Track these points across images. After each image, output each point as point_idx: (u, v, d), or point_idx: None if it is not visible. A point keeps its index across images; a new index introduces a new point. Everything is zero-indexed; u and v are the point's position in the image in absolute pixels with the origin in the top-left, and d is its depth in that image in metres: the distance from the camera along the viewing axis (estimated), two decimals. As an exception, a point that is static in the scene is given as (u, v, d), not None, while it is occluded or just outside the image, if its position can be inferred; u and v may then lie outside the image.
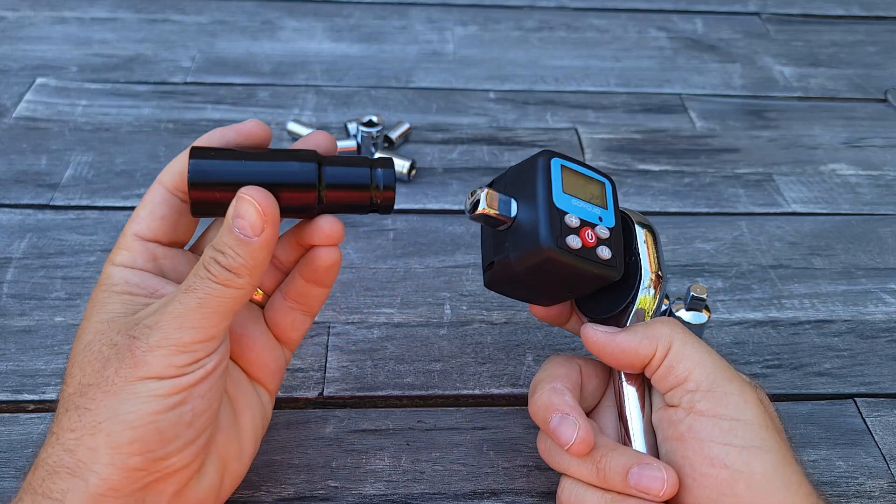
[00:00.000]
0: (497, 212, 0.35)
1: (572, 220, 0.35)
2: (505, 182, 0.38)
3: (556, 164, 0.37)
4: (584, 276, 0.35)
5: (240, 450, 0.36)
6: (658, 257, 0.38)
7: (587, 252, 0.35)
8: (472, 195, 0.36)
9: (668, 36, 0.83)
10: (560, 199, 0.36)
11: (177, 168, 0.35)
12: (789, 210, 0.60)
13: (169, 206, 0.35)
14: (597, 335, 0.36)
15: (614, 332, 0.36)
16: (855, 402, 0.46)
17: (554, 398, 0.35)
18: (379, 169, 0.34)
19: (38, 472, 0.31)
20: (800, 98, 0.74)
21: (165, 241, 0.36)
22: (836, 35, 0.85)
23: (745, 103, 0.73)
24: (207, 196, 0.33)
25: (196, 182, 0.32)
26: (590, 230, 0.36)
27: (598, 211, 0.37)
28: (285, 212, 0.33)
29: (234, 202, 0.32)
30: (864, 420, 0.45)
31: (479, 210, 0.35)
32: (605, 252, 0.36)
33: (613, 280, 0.36)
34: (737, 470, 0.31)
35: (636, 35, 0.83)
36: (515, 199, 0.36)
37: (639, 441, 0.36)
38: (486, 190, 0.35)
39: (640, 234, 0.38)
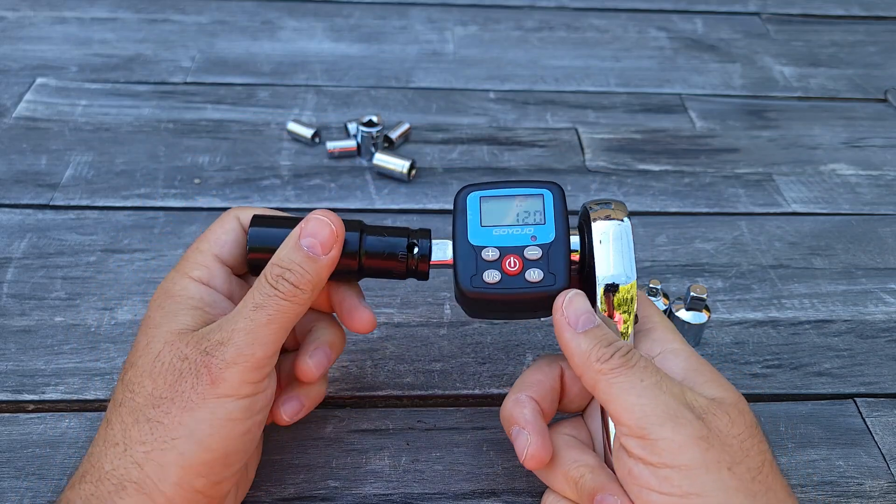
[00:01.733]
0: (440, 258, 0.37)
1: (489, 254, 0.36)
2: (454, 229, 0.38)
3: (472, 198, 0.37)
4: (518, 302, 0.36)
5: (249, 475, 0.38)
6: (619, 259, 0.35)
7: (511, 280, 0.35)
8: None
9: (668, 36, 0.83)
10: (476, 235, 0.36)
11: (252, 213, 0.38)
12: (789, 210, 0.60)
13: (241, 232, 0.37)
14: (557, 316, 0.34)
15: (571, 324, 0.33)
16: (855, 402, 0.46)
17: (514, 411, 0.35)
18: (416, 240, 0.37)
19: (104, 484, 0.31)
20: (800, 98, 0.74)
21: (237, 271, 0.38)
22: (836, 35, 0.85)
23: (745, 103, 0.73)
24: (263, 258, 0.36)
25: (254, 248, 0.37)
26: (513, 257, 0.36)
27: (529, 231, 0.36)
28: (333, 273, 0.36)
29: (303, 223, 0.34)
30: (864, 420, 0.45)
31: (429, 260, 0.37)
32: (534, 274, 0.35)
33: (553, 296, 0.35)
34: None
35: (636, 35, 0.83)
36: (453, 243, 0.37)
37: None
38: (430, 241, 0.38)
39: (596, 234, 0.35)
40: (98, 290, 0.50)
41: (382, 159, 0.60)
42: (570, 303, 0.34)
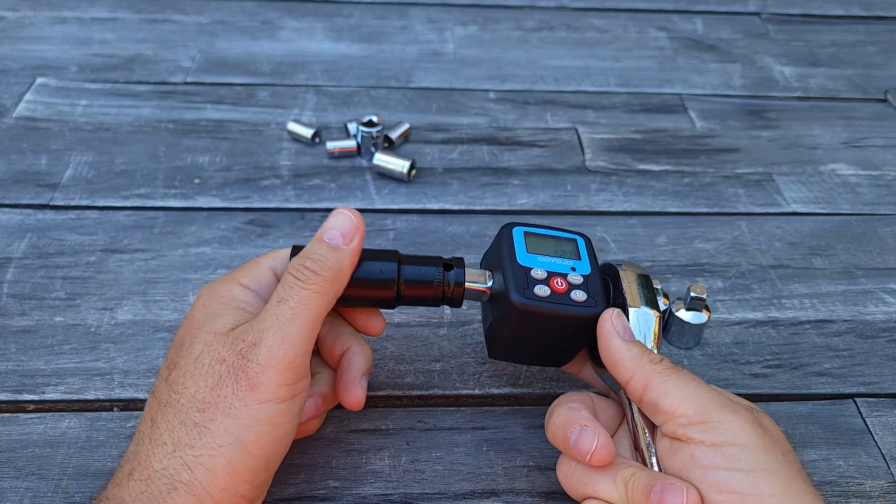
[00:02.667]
0: (474, 284, 0.39)
1: (538, 273, 0.38)
2: (484, 263, 0.42)
3: (517, 232, 0.40)
4: (566, 320, 0.37)
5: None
6: (653, 298, 0.39)
7: (559, 297, 0.37)
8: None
9: (668, 36, 0.83)
10: (524, 258, 0.38)
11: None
12: (789, 210, 0.60)
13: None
14: (607, 325, 0.36)
15: (620, 334, 0.36)
16: (855, 402, 0.46)
17: (571, 414, 0.35)
18: (451, 268, 0.39)
19: (155, 483, 0.31)
20: (800, 98, 0.74)
21: None
22: (836, 35, 0.85)
23: (745, 103, 0.73)
24: None
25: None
26: (559, 279, 0.38)
27: (569, 262, 0.39)
28: (370, 303, 0.39)
29: (327, 220, 0.36)
30: (864, 420, 0.45)
31: (464, 286, 0.39)
32: (578, 295, 0.37)
33: (595, 318, 0.37)
34: (745, 493, 0.31)
35: (636, 35, 0.83)
36: (490, 271, 0.39)
37: (655, 467, 0.35)
38: (464, 270, 0.39)
39: (626, 278, 0.39)
40: (98, 290, 0.50)
41: (382, 159, 0.60)
42: (619, 317, 0.37)
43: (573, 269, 0.39)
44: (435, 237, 0.56)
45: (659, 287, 0.47)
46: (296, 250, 0.38)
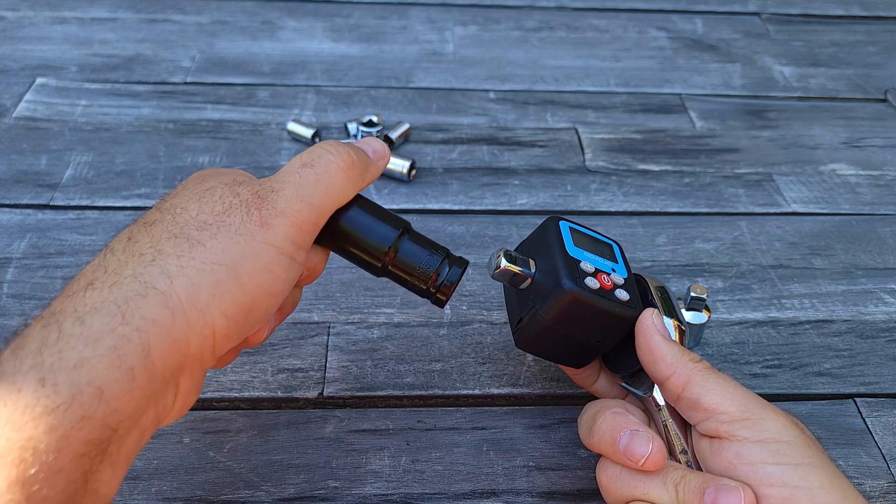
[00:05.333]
0: (518, 268, 0.38)
1: (587, 267, 0.38)
2: (521, 251, 0.41)
3: (564, 225, 0.40)
4: (608, 316, 0.37)
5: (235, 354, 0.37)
6: (676, 311, 0.40)
7: (607, 293, 0.37)
8: (494, 257, 0.38)
9: (668, 36, 0.83)
10: (573, 251, 0.38)
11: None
12: (789, 210, 0.60)
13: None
14: (648, 322, 0.37)
15: (661, 332, 0.37)
16: (855, 402, 0.46)
17: (619, 419, 0.35)
18: (450, 265, 0.37)
19: (120, 289, 0.27)
20: (800, 98, 0.74)
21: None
22: (836, 35, 0.85)
23: (745, 103, 0.73)
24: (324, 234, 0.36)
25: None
26: (605, 276, 0.38)
27: (610, 263, 0.40)
28: (356, 261, 0.37)
29: (359, 140, 0.37)
30: (864, 420, 0.45)
31: (502, 267, 0.38)
32: (623, 294, 0.38)
33: (634, 319, 0.37)
34: (796, 486, 0.31)
35: (636, 35, 0.83)
36: (532, 259, 0.39)
37: None
38: (503, 249, 0.38)
39: (654, 291, 0.40)
40: (98, 290, 0.50)
41: (382, 159, 0.60)
42: (659, 316, 0.37)
43: (613, 269, 0.39)
44: (435, 237, 0.55)
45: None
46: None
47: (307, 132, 0.63)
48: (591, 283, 0.37)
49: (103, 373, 0.26)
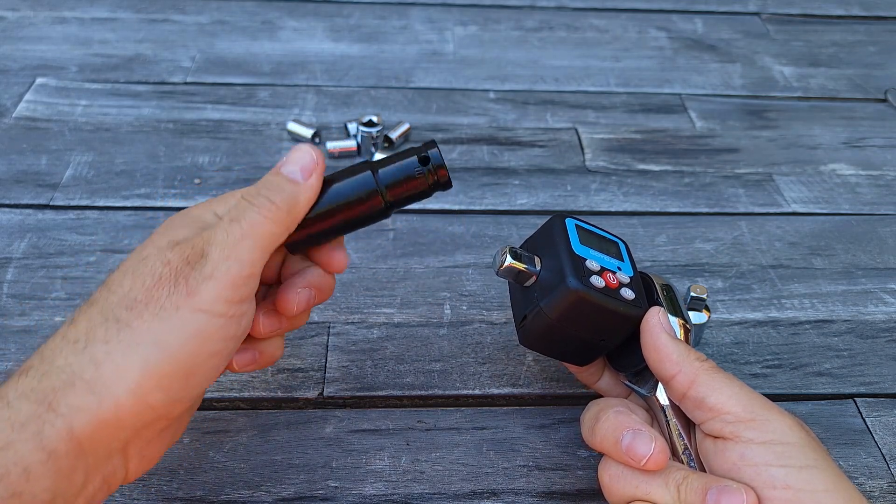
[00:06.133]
0: (523, 266, 0.38)
1: (593, 265, 0.37)
2: (526, 248, 0.41)
3: (570, 223, 0.40)
4: (613, 315, 0.37)
5: (188, 417, 0.37)
6: (682, 310, 0.40)
7: (612, 292, 0.37)
8: (499, 254, 0.39)
9: (668, 36, 0.83)
10: (579, 249, 0.38)
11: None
12: (789, 210, 0.60)
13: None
14: (654, 320, 0.37)
15: (667, 331, 0.36)
16: (855, 402, 0.46)
17: (621, 418, 0.35)
18: (423, 154, 0.36)
19: (49, 378, 0.29)
20: (800, 98, 0.74)
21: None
22: (836, 35, 0.85)
23: (745, 103, 0.73)
24: (299, 234, 0.36)
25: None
26: (611, 274, 0.38)
27: (615, 262, 0.39)
28: (363, 221, 0.36)
29: (287, 154, 0.34)
30: (864, 420, 0.45)
31: (507, 264, 0.38)
32: (628, 293, 0.38)
33: (639, 318, 0.37)
34: (800, 489, 0.31)
35: (636, 35, 0.83)
36: (538, 256, 0.39)
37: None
38: (508, 246, 0.38)
39: (660, 289, 0.40)
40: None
41: (382, 159, 0.60)
42: (665, 315, 0.37)
43: (619, 268, 0.39)
44: (435, 237, 0.56)
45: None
46: None
47: (307, 132, 0.63)
48: (597, 281, 0.37)
49: (28, 455, 0.27)
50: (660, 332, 0.36)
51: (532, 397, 0.45)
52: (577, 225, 0.40)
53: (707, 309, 0.48)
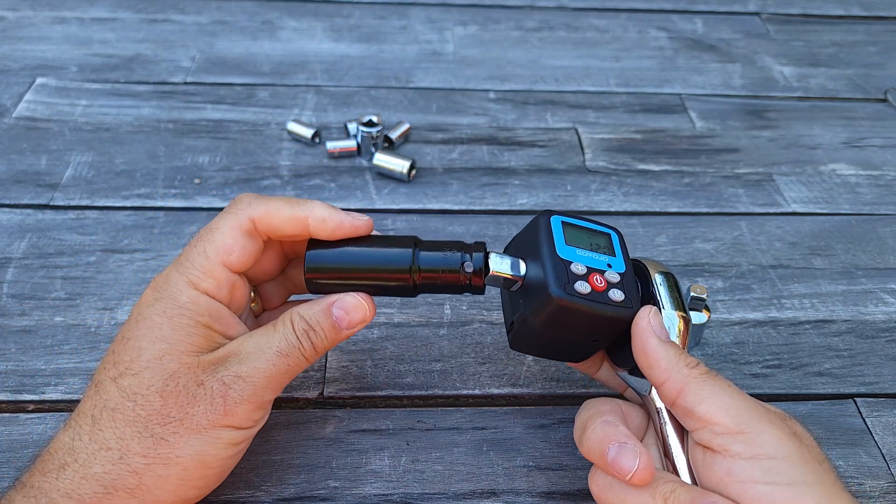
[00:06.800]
0: (508, 272, 0.37)
1: (578, 268, 0.36)
2: (513, 248, 0.40)
3: (555, 220, 0.39)
4: (601, 319, 0.36)
5: None
6: (680, 299, 0.38)
7: (598, 296, 0.36)
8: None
9: (668, 36, 0.83)
10: (564, 251, 0.37)
11: (265, 209, 0.37)
12: (789, 210, 0.60)
13: (256, 245, 0.37)
14: (644, 324, 0.36)
15: (657, 334, 0.35)
16: (855, 402, 0.46)
17: (608, 429, 0.34)
18: (470, 253, 0.37)
19: (90, 484, 0.31)
20: (800, 98, 0.74)
21: (247, 275, 0.38)
22: (836, 35, 0.85)
23: (745, 103, 0.73)
24: (319, 277, 0.38)
25: (311, 268, 0.37)
26: (598, 275, 0.37)
27: (605, 258, 0.38)
28: (389, 292, 0.38)
29: (343, 297, 0.37)
30: (864, 420, 0.45)
31: (491, 272, 0.37)
32: (617, 294, 0.36)
33: (630, 320, 0.36)
34: None
35: (636, 35, 0.83)
36: (523, 260, 0.38)
37: (687, 477, 0.35)
38: (491, 253, 0.38)
39: (658, 279, 0.39)
40: (98, 290, 0.50)
41: (382, 159, 0.60)
42: (656, 316, 0.36)
43: (609, 265, 0.38)
44: (435, 237, 0.56)
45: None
46: (311, 244, 0.37)
47: (307, 132, 0.63)
48: (581, 287, 0.35)
49: None
50: (649, 336, 0.35)
51: (532, 397, 0.45)
52: (563, 222, 0.39)
53: (707, 309, 0.48)
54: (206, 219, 0.56)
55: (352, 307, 0.36)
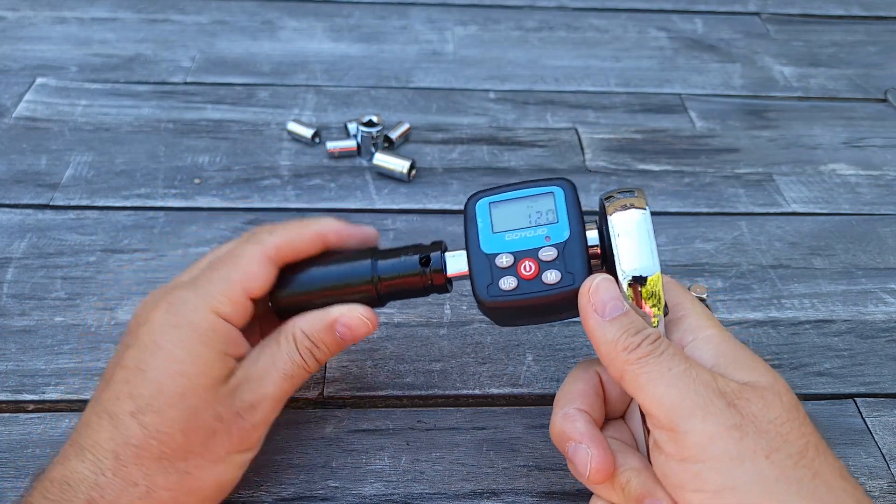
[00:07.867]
0: (465, 269, 0.37)
1: (503, 260, 0.35)
2: (467, 241, 0.38)
3: (481, 205, 0.37)
4: (540, 306, 0.35)
5: None
6: (647, 239, 0.33)
7: (528, 285, 0.34)
8: None
9: (668, 36, 0.83)
10: (488, 242, 0.36)
11: (287, 236, 0.38)
12: (789, 210, 0.60)
13: (275, 272, 0.38)
14: (584, 301, 0.32)
15: (597, 311, 0.32)
16: (855, 402, 0.46)
17: (566, 426, 0.34)
18: (427, 254, 0.38)
19: None
20: (800, 98, 0.74)
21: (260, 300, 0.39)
22: (836, 35, 0.85)
23: (745, 103, 0.73)
24: (285, 303, 0.39)
25: (275, 295, 0.38)
26: (528, 261, 0.34)
27: (542, 231, 0.35)
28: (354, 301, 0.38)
29: (346, 313, 0.37)
30: (864, 420, 0.45)
31: (447, 274, 0.37)
32: (552, 276, 0.34)
33: (575, 296, 0.33)
34: None
35: (636, 35, 0.83)
36: (468, 253, 0.36)
37: None
38: (448, 252, 0.38)
39: (615, 226, 0.33)
40: (98, 290, 0.50)
41: (382, 159, 0.60)
42: (597, 289, 0.32)
43: (547, 237, 0.35)
44: (435, 237, 0.56)
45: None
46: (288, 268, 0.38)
47: (307, 132, 0.63)
48: (507, 283, 0.34)
49: None
50: (587, 315, 0.32)
51: (532, 397, 0.45)
52: (490, 203, 0.36)
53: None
54: (206, 219, 0.56)
55: (355, 325, 0.37)
